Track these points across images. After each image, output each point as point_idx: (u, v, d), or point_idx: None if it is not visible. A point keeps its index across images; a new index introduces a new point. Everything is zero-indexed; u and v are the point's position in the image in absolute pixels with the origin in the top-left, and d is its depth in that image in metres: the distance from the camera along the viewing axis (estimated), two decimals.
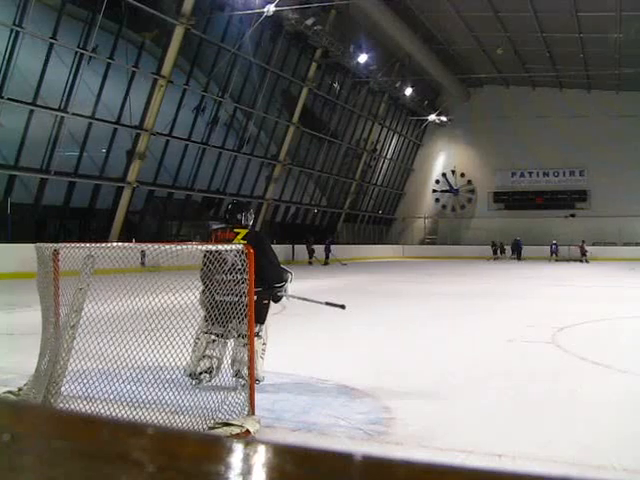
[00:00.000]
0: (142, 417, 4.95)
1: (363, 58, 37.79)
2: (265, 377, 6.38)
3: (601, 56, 42.48)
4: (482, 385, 6.76)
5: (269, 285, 6.42)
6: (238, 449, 0.67)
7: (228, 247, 5.90)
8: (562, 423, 5.32)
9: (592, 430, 5.13)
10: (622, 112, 47.53)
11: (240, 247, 5.57)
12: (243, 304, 5.41)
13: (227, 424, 4.90)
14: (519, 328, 10.96)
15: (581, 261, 42.02)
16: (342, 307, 7.34)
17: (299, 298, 7.04)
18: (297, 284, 7.75)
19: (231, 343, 6.34)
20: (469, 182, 55.25)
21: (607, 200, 49.11)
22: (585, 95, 49.63)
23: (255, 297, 5.52)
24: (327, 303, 7.31)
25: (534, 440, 4.87)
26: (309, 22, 33.34)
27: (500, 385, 6.73)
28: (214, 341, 6.33)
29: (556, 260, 44.44)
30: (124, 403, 5.21)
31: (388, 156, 51.60)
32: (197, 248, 6.28)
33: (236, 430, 4.81)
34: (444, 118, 51.29)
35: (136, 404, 5.14)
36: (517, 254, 46.31)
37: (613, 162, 48.35)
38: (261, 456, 0.65)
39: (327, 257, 37.02)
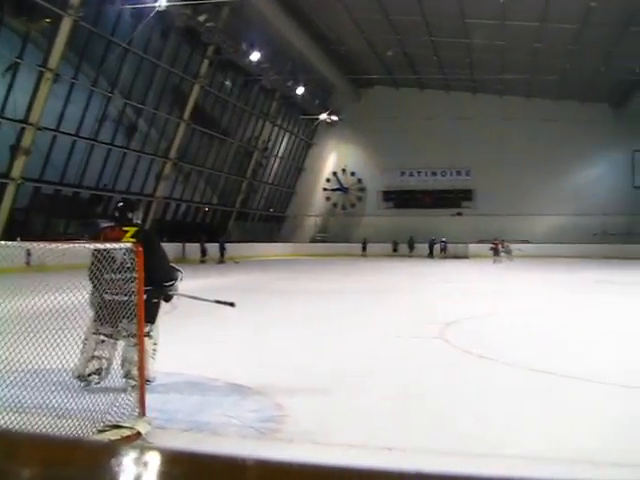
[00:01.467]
0: (27, 423, 4.76)
1: (255, 56, 37.69)
2: (156, 377, 6.28)
3: (486, 61, 43.96)
4: (371, 380, 6.87)
5: (159, 284, 6.32)
6: (128, 455, 0.66)
7: (117, 245, 5.77)
8: (449, 415, 5.47)
9: (478, 421, 5.29)
10: (505, 115, 49.25)
11: (129, 245, 5.46)
12: (133, 303, 5.32)
13: (117, 426, 4.80)
14: (408, 324, 11.16)
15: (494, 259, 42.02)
16: (232, 305, 7.30)
17: (189, 297, 6.95)
18: (190, 283, 7.68)
19: (121, 343, 6.21)
20: (359, 181, 56.02)
21: (492, 199, 50.82)
22: (471, 98, 51.12)
23: (145, 296, 5.43)
24: (217, 301, 7.28)
25: (423, 433, 4.99)
26: (201, 18, 32.99)
27: (389, 380, 6.87)
28: (103, 341, 6.19)
29: (444, 257, 45.61)
30: (7, 409, 4.96)
31: (279, 155, 51.64)
32: (85, 246, 6.10)
33: (126, 432, 4.72)
34: (335, 117, 51.79)
35: (20, 409, 4.93)
36: (432, 251, 47.72)
37: (497, 163, 50.18)
38: (152, 462, 0.64)
39: (222, 255, 36.77)
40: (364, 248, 49.34)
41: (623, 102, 48.46)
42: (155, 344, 6.37)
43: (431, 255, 46.89)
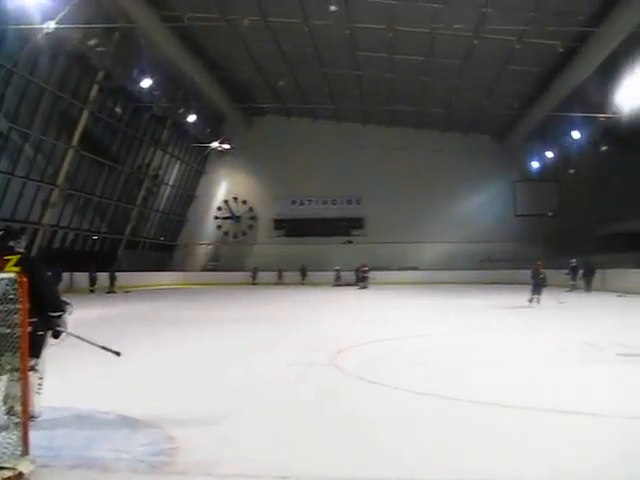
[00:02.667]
0: None
1: (147, 82, 37.12)
2: (42, 413, 6.04)
3: (375, 93, 45.09)
4: (265, 409, 6.85)
5: (45, 315, 6.06)
6: None
7: None
8: (342, 442, 5.48)
9: (371, 446, 5.34)
10: (394, 145, 50.37)
11: (12, 276, 5.22)
12: (16, 336, 5.07)
13: None
14: (300, 352, 11.19)
15: (359, 286, 43.16)
16: (117, 354, 7.06)
17: (76, 337, 6.66)
18: (81, 313, 7.44)
19: (3, 379, 5.91)
20: (251, 209, 56.01)
21: (382, 227, 51.88)
22: (361, 128, 52.17)
23: (30, 328, 5.20)
24: (103, 347, 6.98)
25: (316, 460, 4.98)
26: (92, 42, 32.28)
27: (282, 408, 6.85)
28: None
29: (338, 285, 45.91)
30: None
31: (170, 182, 51.03)
32: None
33: (7, 474, 4.49)
34: (227, 146, 51.57)
35: None
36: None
37: (387, 192, 51.39)
38: None
39: (112, 285, 35.90)
40: (254, 277, 49.20)
41: (504, 135, 50.59)
42: (41, 378, 6.12)
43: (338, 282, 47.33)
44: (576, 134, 40.73)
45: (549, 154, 47.83)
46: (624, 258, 32.80)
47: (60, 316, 6.34)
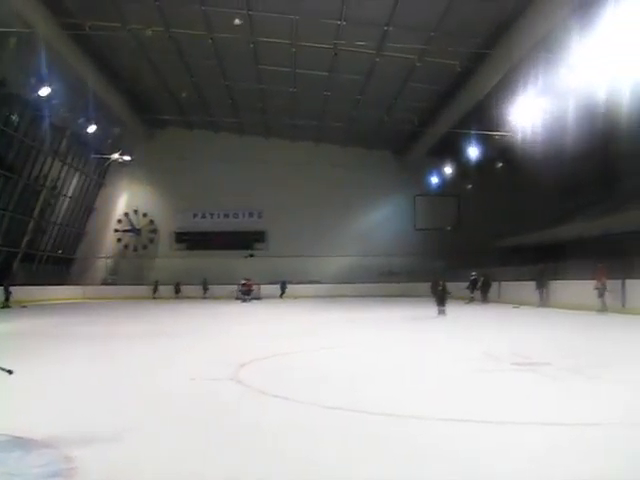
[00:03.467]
0: None
1: (45, 91, 36.17)
2: None
3: (278, 107, 45.40)
4: (166, 426, 6.66)
5: None
6: None
7: None
8: (245, 458, 5.43)
9: (276, 458, 5.37)
10: (296, 160, 50.79)
11: None
12: None
13: None
14: (202, 366, 10.94)
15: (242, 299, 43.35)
16: (9, 372, 6.86)
17: None
18: None
19: None
20: (151, 222, 55.22)
21: (284, 241, 52.15)
22: (264, 142, 52.37)
23: None
24: None
25: (223, 477, 4.97)
26: None
27: (184, 424, 6.70)
28: None
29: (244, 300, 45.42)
30: None
31: (69, 194, 49.72)
32: None
33: None
34: (127, 157, 50.51)
35: None
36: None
37: (289, 206, 51.73)
38: None
39: (7, 299, 34.58)
40: (155, 290, 48.62)
41: (405, 150, 51.77)
42: None
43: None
44: (474, 151, 42.12)
45: (448, 170, 49.23)
46: (520, 271, 34.08)
47: None
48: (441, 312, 24.20)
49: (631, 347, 13.72)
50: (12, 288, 35.45)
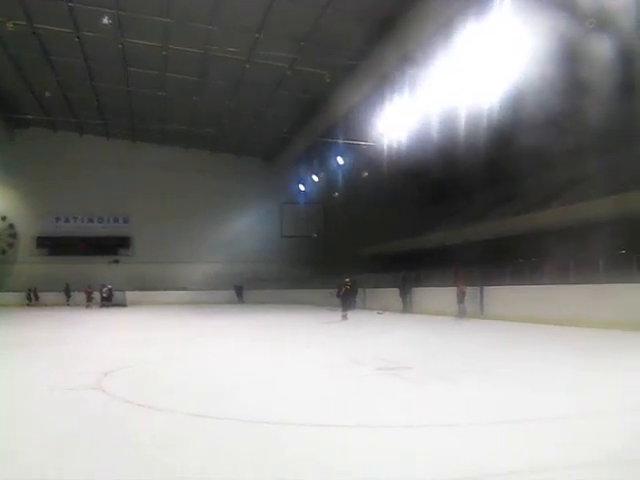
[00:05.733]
0: None
1: None
2: None
3: (147, 110, 44.70)
4: (24, 439, 6.29)
5: None
6: None
7: None
8: (111, 468, 5.27)
9: (140, 470, 5.24)
10: (164, 165, 50.34)
11: None
12: None
13: None
14: (62, 376, 10.42)
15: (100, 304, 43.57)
16: None
17: None
18: None
19: None
20: (11, 226, 52.92)
21: (150, 247, 51.45)
22: (131, 146, 51.46)
23: None
24: None
25: None
26: None
27: (43, 438, 6.36)
28: None
29: (109, 305, 44.17)
30: None
31: None
32: None
33: None
34: None
35: None
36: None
37: (156, 211, 51.13)
38: None
39: None
40: (31, 297, 46.94)
41: (273, 158, 52.27)
42: None
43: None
44: (340, 160, 43.01)
45: (315, 178, 49.93)
46: (383, 278, 34.96)
47: None
48: (344, 317, 25.47)
49: (488, 350, 14.39)
50: None
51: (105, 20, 30.28)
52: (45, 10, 31.47)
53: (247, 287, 49.49)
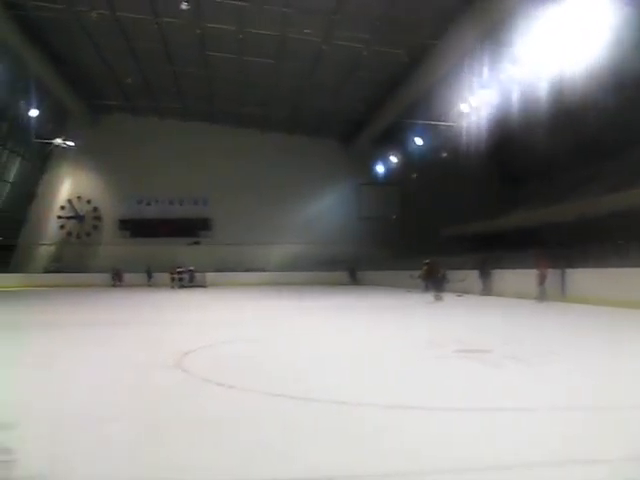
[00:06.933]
0: None
1: None
2: None
3: (224, 93, 45.27)
4: (108, 415, 6.48)
5: None
6: None
7: None
8: (192, 446, 5.29)
9: (222, 450, 5.24)
10: (241, 147, 50.78)
11: None
12: None
13: None
14: (145, 354, 10.72)
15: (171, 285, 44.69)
16: None
17: None
18: None
19: None
20: (95, 209, 54.49)
21: (229, 229, 52.00)
22: (209, 129, 52.00)
23: None
24: None
25: (163, 465, 4.88)
26: None
27: (127, 412, 6.56)
28: None
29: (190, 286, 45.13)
30: None
31: (10, 179, 48.74)
32: None
33: None
34: (71, 143, 49.60)
35: None
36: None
37: (234, 193, 51.59)
38: None
39: None
40: (116, 278, 48.12)
41: (351, 139, 52.02)
42: None
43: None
44: (419, 140, 42.60)
45: (393, 159, 49.61)
46: (462, 260, 34.50)
47: None
48: (438, 298, 25.24)
49: (570, 334, 14.07)
50: None
51: (183, 6, 30.64)
52: None
53: (325, 269, 49.55)
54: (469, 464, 4.84)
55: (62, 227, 54.19)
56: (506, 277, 28.82)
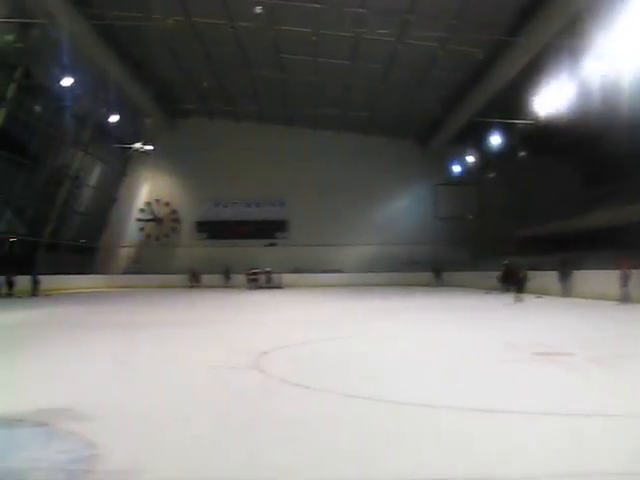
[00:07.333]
0: None
1: (68, 81, 36.36)
2: None
3: (300, 95, 45.36)
4: (187, 413, 6.69)
5: None
6: None
7: None
8: (266, 446, 5.41)
9: (294, 450, 5.32)
10: (318, 148, 50.82)
11: None
12: None
13: None
14: (223, 355, 10.92)
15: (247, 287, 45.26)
16: None
17: None
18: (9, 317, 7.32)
19: None
20: (174, 212, 55.40)
21: (305, 230, 52.12)
22: (285, 131, 52.20)
23: None
24: None
25: (239, 465, 4.96)
26: (9, 38, 31.51)
27: (205, 412, 6.74)
28: None
29: (260, 287, 45.62)
30: None
31: (92, 184, 50.05)
32: None
33: None
34: (149, 147, 50.78)
35: None
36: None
37: (310, 195, 51.68)
38: None
39: (36, 288, 35.09)
40: (194, 279, 48.79)
41: (427, 139, 51.52)
42: None
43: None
44: (496, 139, 41.89)
45: (470, 158, 48.94)
46: (541, 260, 33.75)
47: None
48: (518, 299, 25.21)
49: None
50: (39, 277, 35.90)
51: (258, 9, 30.87)
52: (201, 4, 32.62)
53: (403, 269, 49.19)
54: (556, 470, 4.76)
55: (141, 229, 55.31)
56: (587, 278, 28.04)
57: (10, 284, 34.54)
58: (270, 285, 45.50)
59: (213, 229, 54.63)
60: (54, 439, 5.59)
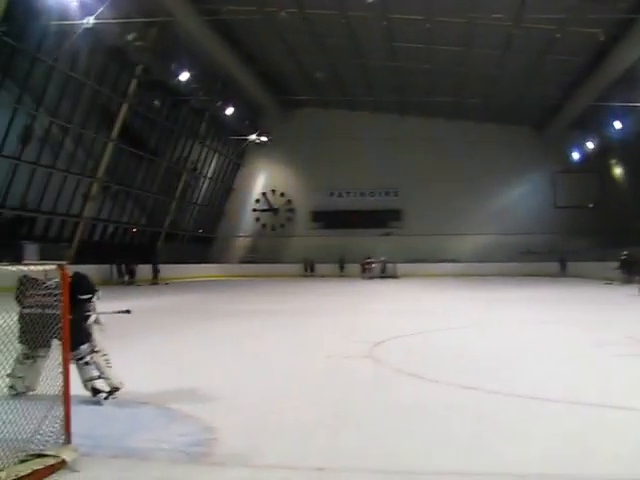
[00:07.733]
0: None
1: (185, 76, 37.40)
2: (123, 383, 6.66)
3: (413, 84, 44.88)
4: (303, 400, 6.84)
5: (75, 298, 5.98)
6: None
7: (41, 268, 5.65)
8: (380, 434, 5.47)
9: (409, 439, 5.31)
10: (431, 137, 50.08)
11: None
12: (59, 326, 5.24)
13: (41, 455, 4.62)
14: (338, 344, 11.14)
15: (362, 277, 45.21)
16: (127, 312, 7.42)
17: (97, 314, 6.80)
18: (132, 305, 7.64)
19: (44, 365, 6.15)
20: (289, 202, 56.09)
21: (420, 219, 51.64)
22: (399, 119, 51.73)
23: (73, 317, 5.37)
24: (115, 312, 7.33)
25: (354, 452, 4.97)
26: (130, 37, 32.59)
27: (320, 399, 6.84)
28: (33, 363, 6.22)
29: (374, 277, 45.54)
30: None
31: (209, 175, 51.32)
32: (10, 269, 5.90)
33: (51, 461, 4.56)
34: (264, 138, 51.59)
35: None
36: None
37: (424, 184, 51.11)
38: None
39: (155, 277, 36.48)
40: (308, 268, 49.34)
41: (544, 125, 49.90)
42: (105, 354, 6.42)
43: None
44: (618, 124, 40.10)
45: (590, 145, 47.06)
46: None
47: (89, 299, 6.47)
48: None
49: None
50: (159, 266, 37.21)
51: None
52: None
53: (520, 259, 47.82)
54: None
55: (257, 220, 56.29)
56: None
57: (131, 273, 35.96)
58: (385, 274, 45.36)
59: (328, 219, 54.88)
60: (175, 422, 5.89)
